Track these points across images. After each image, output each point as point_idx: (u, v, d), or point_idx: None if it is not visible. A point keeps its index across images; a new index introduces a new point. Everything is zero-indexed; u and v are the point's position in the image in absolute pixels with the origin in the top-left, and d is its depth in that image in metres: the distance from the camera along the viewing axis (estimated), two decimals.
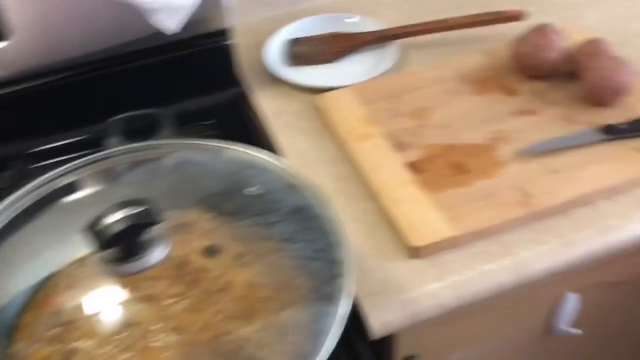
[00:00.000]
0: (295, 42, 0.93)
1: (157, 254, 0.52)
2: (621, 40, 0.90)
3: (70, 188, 0.63)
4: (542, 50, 0.80)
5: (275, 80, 0.90)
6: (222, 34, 0.86)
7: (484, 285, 0.65)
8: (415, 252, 0.66)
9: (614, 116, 0.77)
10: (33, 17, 0.76)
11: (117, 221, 0.49)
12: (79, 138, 0.85)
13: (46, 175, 0.62)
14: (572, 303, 0.76)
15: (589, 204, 0.70)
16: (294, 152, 0.80)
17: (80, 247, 0.52)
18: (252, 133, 0.84)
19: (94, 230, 0.49)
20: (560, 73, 0.83)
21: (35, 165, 0.83)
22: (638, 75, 0.78)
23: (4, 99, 0.81)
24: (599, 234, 0.68)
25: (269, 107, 0.87)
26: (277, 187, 0.59)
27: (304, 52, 0.92)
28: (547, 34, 0.81)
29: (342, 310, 0.49)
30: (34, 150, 0.84)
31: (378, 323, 0.62)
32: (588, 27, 0.94)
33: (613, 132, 0.74)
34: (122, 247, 0.50)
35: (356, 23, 0.96)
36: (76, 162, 0.64)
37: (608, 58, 0.77)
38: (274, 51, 0.93)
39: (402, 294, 0.64)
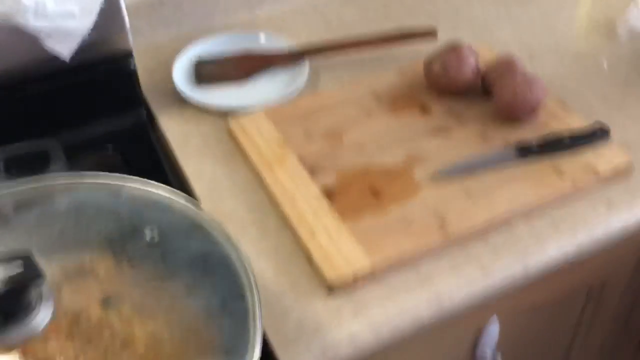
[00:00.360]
0: (203, 62, 0.89)
1: (42, 318, 0.46)
2: (531, 54, 0.91)
3: None
4: (455, 69, 0.79)
5: (182, 102, 0.85)
6: (123, 55, 0.80)
7: (403, 320, 0.62)
8: (332, 288, 0.63)
9: (527, 133, 0.76)
10: None
11: None
12: None
13: None
14: (494, 334, 0.75)
15: (505, 226, 0.69)
16: (204, 180, 0.76)
17: None
18: (158, 160, 0.79)
19: None
20: (474, 90, 0.82)
21: None
22: (548, 91, 0.78)
23: None
24: (517, 258, 0.67)
25: (175, 131, 0.82)
26: (181, 228, 0.55)
27: (212, 72, 0.88)
28: (459, 52, 0.79)
29: None
30: None
31: None
32: (498, 42, 0.94)
33: (527, 151, 0.73)
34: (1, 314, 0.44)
35: (266, 41, 0.93)
36: None
37: (519, 75, 0.77)
38: (180, 71, 0.88)
39: (319, 336, 0.60)
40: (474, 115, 0.79)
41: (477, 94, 0.82)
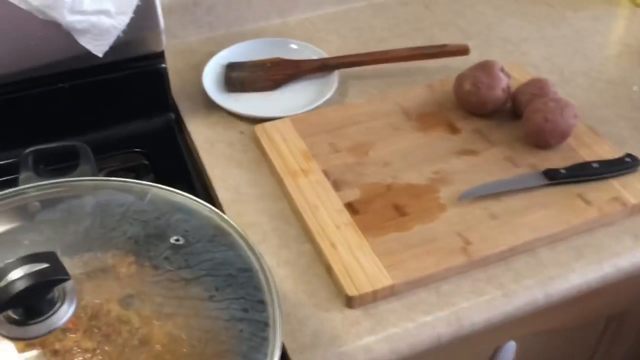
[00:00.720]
0: (233, 67, 0.89)
1: (64, 313, 0.46)
2: (562, 77, 0.90)
3: None
4: (486, 88, 0.78)
5: (210, 107, 0.85)
6: (155, 56, 0.81)
7: (421, 337, 0.62)
8: (350, 301, 0.63)
9: (555, 159, 0.76)
10: None
11: (18, 279, 0.43)
12: None
13: None
14: (510, 352, 0.74)
15: (529, 251, 0.68)
16: (228, 185, 0.76)
17: None
18: (184, 164, 0.79)
19: None
20: (503, 111, 0.81)
21: None
22: (580, 118, 0.77)
23: None
24: (539, 284, 0.66)
25: (203, 135, 0.82)
26: (205, 235, 0.55)
27: (242, 77, 0.88)
28: (492, 71, 0.79)
29: None
30: None
31: None
32: (529, 62, 0.93)
33: (554, 177, 0.73)
34: (24, 308, 0.45)
35: (297, 49, 0.93)
36: None
37: (551, 100, 0.76)
38: (211, 75, 0.88)
39: (335, 347, 0.60)
40: (502, 137, 0.79)
41: (506, 115, 0.81)
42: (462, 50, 0.89)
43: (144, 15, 0.75)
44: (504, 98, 0.79)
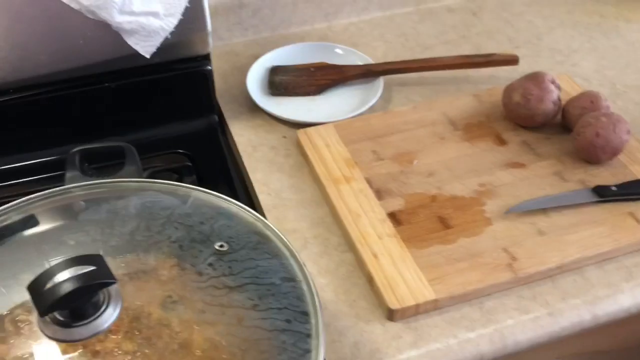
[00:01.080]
0: (277, 70, 0.89)
1: (108, 316, 0.46)
2: (613, 90, 0.88)
3: (24, 224, 0.57)
4: (536, 99, 0.76)
5: (254, 110, 0.85)
6: (201, 58, 0.81)
7: (463, 355, 0.61)
8: (392, 314, 0.62)
9: (606, 175, 0.73)
10: None
11: (65, 281, 0.43)
12: (41, 160, 0.80)
13: None
14: None
15: (576, 270, 0.66)
16: (269, 190, 0.75)
17: (25, 289, 0.46)
18: (226, 166, 0.79)
19: (37, 290, 0.43)
20: (552, 124, 0.79)
21: None
22: (633, 133, 0.75)
23: None
24: (586, 304, 0.64)
25: (245, 138, 0.82)
26: (248, 242, 0.54)
27: (286, 81, 0.87)
28: (542, 83, 0.77)
29: None
30: None
31: None
32: (580, 74, 0.91)
33: (604, 194, 0.71)
34: (69, 310, 0.44)
35: (342, 54, 0.92)
36: (31, 196, 0.59)
37: (603, 114, 0.74)
38: (254, 78, 0.88)
39: None
40: (551, 150, 0.77)
41: (555, 128, 0.79)
42: (511, 60, 0.87)
43: (192, 17, 0.75)
44: (554, 111, 0.77)
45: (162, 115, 0.82)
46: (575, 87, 0.84)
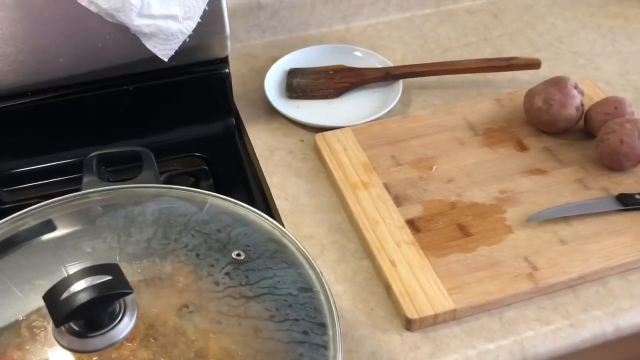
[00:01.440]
0: (295, 73, 0.88)
1: (124, 327, 0.46)
2: (638, 95, 0.86)
3: (41, 229, 0.57)
4: (558, 105, 0.75)
5: (271, 113, 0.84)
6: (219, 61, 0.80)
7: None
8: (410, 324, 0.61)
9: (630, 183, 0.72)
10: (11, 34, 0.70)
11: (81, 291, 0.43)
12: (57, 163, 0.80)
13: (13, 215, 0.57)
14: None
15: (599, 280, 0.65)
16: (286, 194, 0.75)
17: (41, 295, 0.46)
18: (243, 170, 0.79)
19: (53, 300, 0.43)
20: (575, 130, 0.78)
21: (7, 189, 0.77)
22: None
23: None
24: (609, 315, 0.63)
25: (262, 142, 0.81)
26: (265, 251, 0.54)
27: (304, 84, 0.86)
28: (565, 88, 0.75)
29: None
30: (9, 172, 0.79)
31: None
32: (603, 78, 0.89)
33: (628, 202, 0.69)
34: (85, 320, 0.44)
35: (361, 57, 0.91)
36: (49, 201, 0.59)
37: (628, 121, 0.72)
38: (272, 81, 0.87)
39: None
40: (573, 157, 0.75)
41: (578, 133, 0.78)
42: (533, 64, 0.86)
43: (210, 20, 0.74)
44: (576, 117, 0.76)
45: (179, 118, 0.82)
46: (598, 92, 0.83)
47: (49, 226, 0.58)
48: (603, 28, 0.99)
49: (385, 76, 0.87)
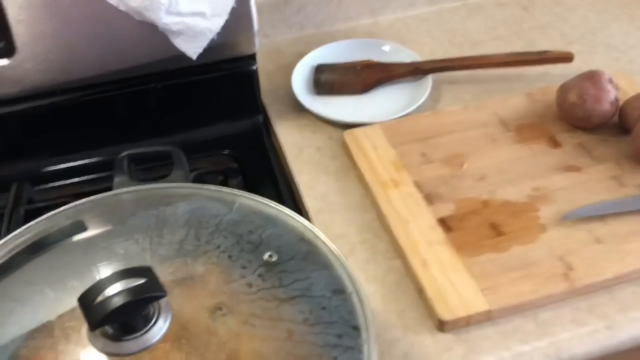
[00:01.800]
0: (323, 69, 0.87)
1: (158, 330, 0.46)
2: None
3: (72, 229, 0.57)
4: (593, 100, 0.73)
5: (299, 110, 0.84)
6: (247, 58, 0.80)
7: None
8: (443, 325, 0.60)
9: None
10: (41, 33, 0.70)
11: (115, 295, 0.43)
12: (87, 161, 0.80)
13: (45, 216, 0.57)
14: None
15: (636, 280, 0.64)
16: (315, 193, 0.74)
17: (74, 298, 0.46)
18: (271, 168, 0.78)
19: (88, 304, 0.43)
20: (609, 125, 0.76)
21: (38, 187, 0.78)
22: None
23: (9, 117, 0.75)
24: None
25: (291, 139, 0.81)
26: (298, 253, 0.53)
27: (332, 80, 0.86)
28: (599, 82, 0.74)
29: None
30: (40, 171, 0.79)
31: None
32: (638, 72, 0.87)
33: None
34: (119, 324, 0.44)
35: (389, 52, 0.90)
36: (80, 201, 0.59)
37: None
38: (300, 77, 0.87)
39: None
40: (608, 153, 0.74)
41: (612, 129, 0.76)
42: (566, 58, 0.84)
43: (238, 17, 0.74)
44: (611, 112, 0.74)
45: (207, 116, 0.82)
46: (633, 86, 0.81)
47: (81, 227, 0.58)
48: (637, 20, 0.97)
49: (414, 71, 0.86)
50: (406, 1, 0.99)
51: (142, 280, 0.44)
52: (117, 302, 0.42)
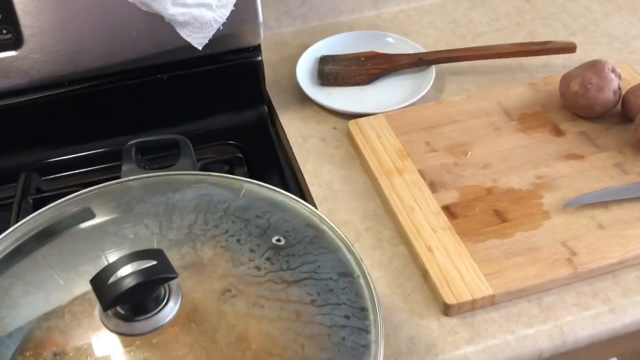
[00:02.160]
0: (327, 60, 0.88)
1: (169, 311, 0.47)
2: None
3: (82, 216, 0.58)
4: (595, 89, 0.74)
5: (303, 100, 0.85)
6: (252, 49, 0.81)
7: (521, 351, 0.59)
8: (448, 309, 0.61)
9: None
10: (48, 25, 0.71)
11: (127, 276, 0.44)
12: (94, 151, 0.81)
13: (54, 203, 0.58)
14: None
15: (638, 265, 0.64)
16: (320, 182, 0.75)
17: (85, 281, 0.47)
18: (276, 158, 0.79)
19: (100, 285, 0.44)
20: (612, 114, 0.77)
21: (47, 177, 0.78)
22: None
23: (17, 108, 0.76)
24: None
25: (295, 129, 0.81)
26: (305, 237, 0.54)
27: (336, 71, 0.86)
28: (602, 71, 0.74)
29: None
30: (47, 161, 0.80)
31: None
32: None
33: None
34: (131, 305, 0.45)
35: (393, 43, 0.90)
36: (89, 189, 0.59)
37: None
38: (304, 68, 0.87)
39: (432, 356, 0.58)
40: (610, 141, 0.74)
41: (615, 118, 0.77)
42: (568, 48, 0.84)
43: (243, 9, 0.75)
44: (614, 101, 0.75)
45: (212, 107, 0.82)
46: (635, 75, 0.81)
47: (90, 213, 0.58)
48: (639, 11, 0.97)
49: (418, 62, 0.86)
50: None
51: (153, 262, 0.45)
52: (129, 283, 0.43)
